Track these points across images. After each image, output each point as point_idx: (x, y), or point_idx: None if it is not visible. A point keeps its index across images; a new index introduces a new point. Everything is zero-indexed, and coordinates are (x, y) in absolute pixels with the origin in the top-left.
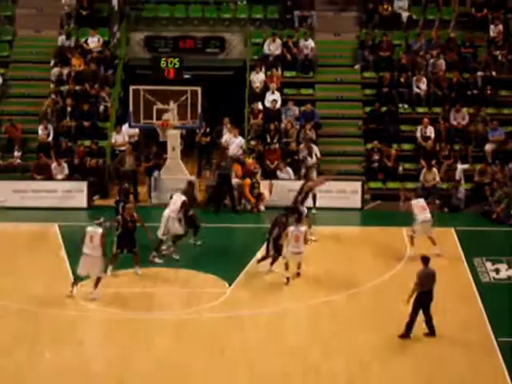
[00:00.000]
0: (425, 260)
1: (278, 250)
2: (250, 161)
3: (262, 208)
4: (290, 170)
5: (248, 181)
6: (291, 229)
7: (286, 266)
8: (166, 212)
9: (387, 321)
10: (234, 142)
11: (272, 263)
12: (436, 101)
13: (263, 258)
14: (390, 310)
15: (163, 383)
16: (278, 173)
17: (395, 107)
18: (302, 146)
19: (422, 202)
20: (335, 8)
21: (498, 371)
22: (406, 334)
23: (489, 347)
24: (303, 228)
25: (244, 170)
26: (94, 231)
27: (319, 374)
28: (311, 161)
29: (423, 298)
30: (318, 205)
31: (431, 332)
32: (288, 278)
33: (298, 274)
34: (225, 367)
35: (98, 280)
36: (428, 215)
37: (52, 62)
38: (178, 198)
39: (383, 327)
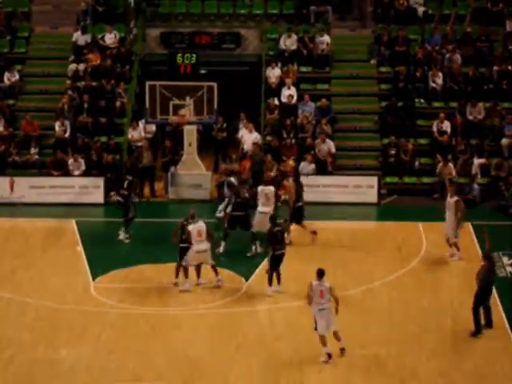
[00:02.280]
0: (486, 257)
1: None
2: (290, 163)
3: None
4: (313, 164)
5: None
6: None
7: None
8: (268, 209)
9: (403, 316)
10: (249, 138)
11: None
12: (452, 95)
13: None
14: (406, 305)
15: (179, 378)
16: (302, 164)
17: (411, 102)
18: (318, 140)
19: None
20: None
21: None
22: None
23: (506, 341)
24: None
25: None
26: (201, 226)
27: (335, 368)
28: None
29: (483, 293)
30: (334, 200)
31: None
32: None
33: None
34: (240, 362)
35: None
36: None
37: (71, 58)
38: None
39: (399, 322)
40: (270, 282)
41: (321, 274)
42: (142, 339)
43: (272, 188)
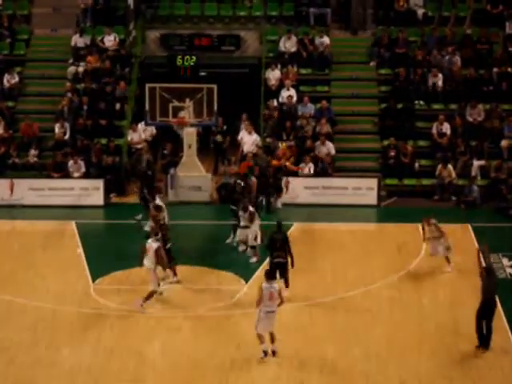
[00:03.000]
0: (487, 270)
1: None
2: (283, 146)
3: (279, 205)
4: (312, 165)
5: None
6: (264, 285)
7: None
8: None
9: (403, 317)
10: (249, 139)
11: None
12: (452, 97)
13: None
14: (406, 307)
15: (179, 380)
16: (302, 165)
17: (411, 104)
18: (317, 142)
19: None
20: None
21: None
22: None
23: (506, 343)
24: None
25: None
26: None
27: (336, 369)
28: None
29: (486, 307)
30: (334, 201)
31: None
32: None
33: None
34: (240, 364)
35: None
36: None
37: (70, 60)
38: None
39: (399, 323)
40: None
41: (270, 276)
42: (142, 341)
43: (276, 286)
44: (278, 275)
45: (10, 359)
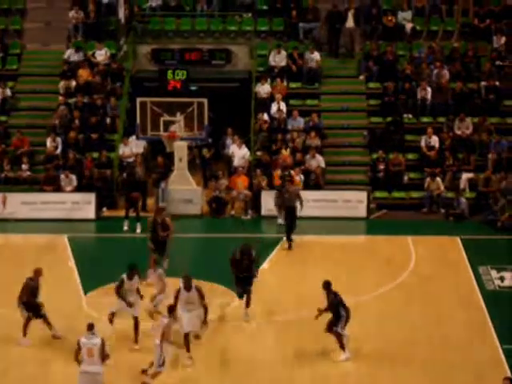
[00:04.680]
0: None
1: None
2: (285, 153)
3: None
4: (302, 176)
5: (278, 172)
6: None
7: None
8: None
9: (392, 329)
10: (238, 153)
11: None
12: (440, 110)
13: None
14: (395, 319)
15: None
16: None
17: (400, 117)
18: (308, 155)
19: None
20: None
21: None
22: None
23: (494, 355)
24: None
25: (278, 163)
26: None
27: (328, 382)
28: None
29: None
30: (324, 214)
31: None
32: None
33: None
34: (231, 376)
35: None
36: None
37: (62, 75)
38: None
39: (388, 335)
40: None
41: (187, 284)
42: (134, 353)
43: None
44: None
45: (2, 373)
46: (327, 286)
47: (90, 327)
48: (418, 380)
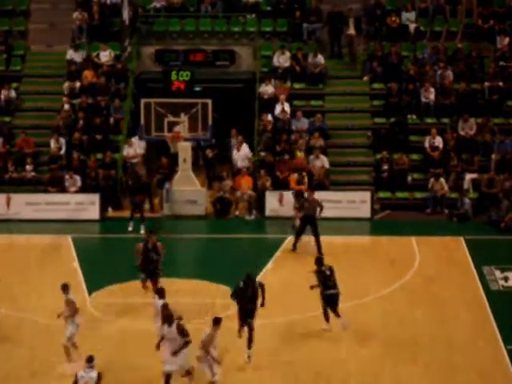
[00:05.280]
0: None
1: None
2: (300, 155)
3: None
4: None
5: (295, 176)
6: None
7: None
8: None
9: (397, 329)
10: (240, 154)
11: None
12: (444, 111)
13: None
14: (400, 320)
15: None
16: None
17: (404, 118)
18: (312, 156)
19: None
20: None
21: (508, 379)
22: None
23: (498, 355)
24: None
25: (293, 165)
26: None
27: (330, 383)
28: None
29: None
30: (328, 215)
31: None
32: None
33: None
34: (235, 377)
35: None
36: None
37: (66, 76)
38: None
39: (393, 336)
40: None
41: (160, 294)
42: (139, 354)
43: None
44: None
45: (7, 374)
46: (318, 261)
47: (90, 360)
48: (421, 380)
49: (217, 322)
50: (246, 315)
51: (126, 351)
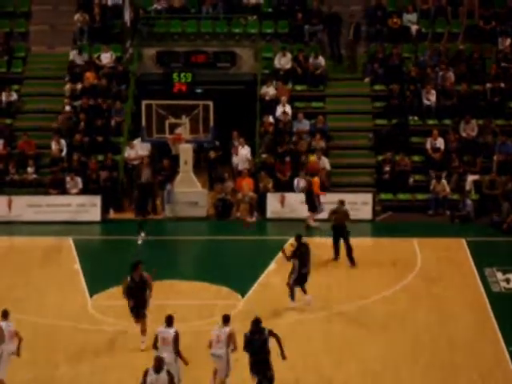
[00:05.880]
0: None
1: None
2: (313, 158)
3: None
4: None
5: (317, 179)
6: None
7: None
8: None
9: (398, 331)
10: (241, 155)
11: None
12: (445, 112)
13: None
14: (401, 321)
15: None
16: (296, 181)
17: (405, 119)
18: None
19: None
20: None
21: (509, 380)
22: None
23: (500, 357)
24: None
25: (309, 169)
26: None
27: None
28: None
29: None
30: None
31: None
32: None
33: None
34: (236, 378)
35: None
36: None
37: (67, 78)
38: None
39: (394, 337)
40: None
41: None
42: (140, 356)
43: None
44: None
45: (9, 376)
46: (298, 238)
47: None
48: (422, 381)
49: (227, 319)
50: (261, 368)
51: (127, 353)
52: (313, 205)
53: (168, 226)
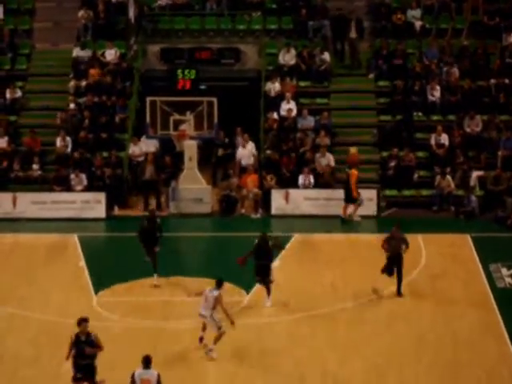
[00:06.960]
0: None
1: None
2: (354, 151)
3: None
4: (311, 177)
5: (356, 172)
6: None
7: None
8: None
9: (403, 327)
10: (245, 152)
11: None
12: (450, 108)
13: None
14: (405, 317)
15: None
16: (301, 177)
17: (409, 115)
18: (318, 154)
19: None
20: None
21: None
22: None
23: (505, 353)
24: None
25: (349, 161)
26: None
27: (336, 381)
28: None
29: None
30: (334, 212)
31: None
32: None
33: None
34: (242, 375)
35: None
36: None
37: (71, 75)
38: None
39: (398, 333)
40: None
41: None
42: (144, 353)
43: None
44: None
45: (13, 372)
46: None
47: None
48: (427, 378)
49: (220, 284)
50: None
51: (133, 350)
52: (350, 197)
53: (172, 222)
